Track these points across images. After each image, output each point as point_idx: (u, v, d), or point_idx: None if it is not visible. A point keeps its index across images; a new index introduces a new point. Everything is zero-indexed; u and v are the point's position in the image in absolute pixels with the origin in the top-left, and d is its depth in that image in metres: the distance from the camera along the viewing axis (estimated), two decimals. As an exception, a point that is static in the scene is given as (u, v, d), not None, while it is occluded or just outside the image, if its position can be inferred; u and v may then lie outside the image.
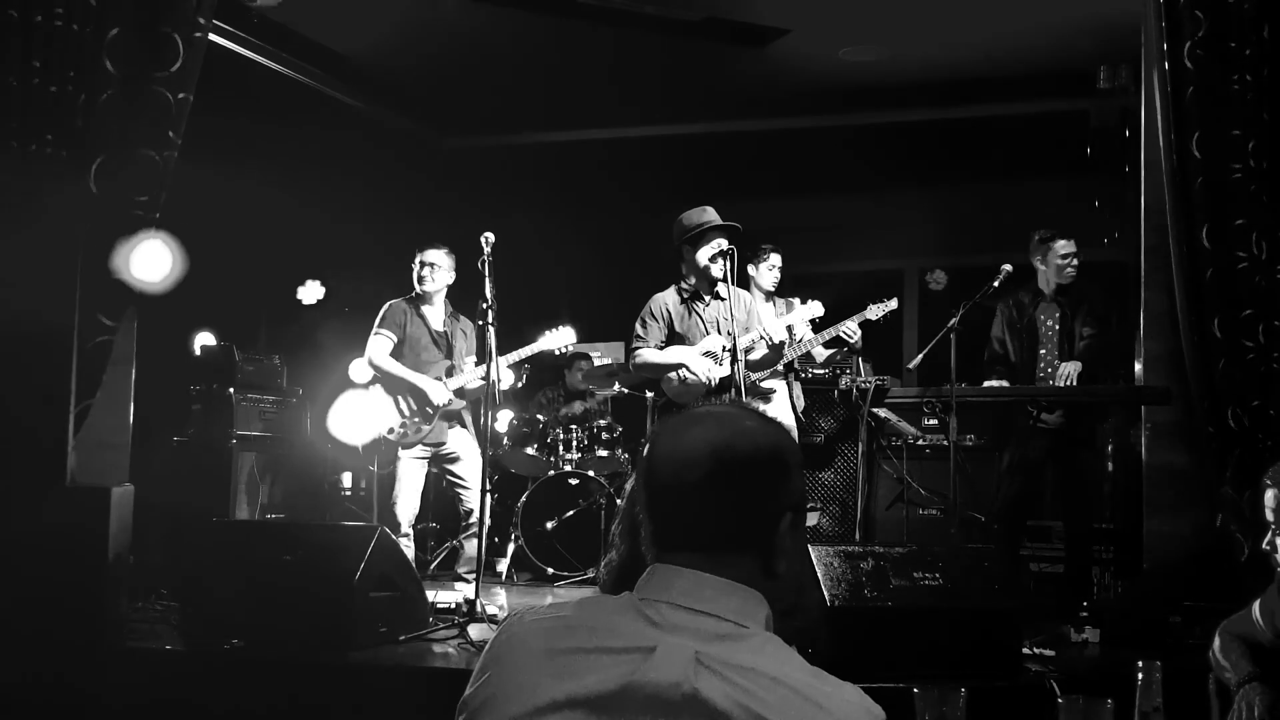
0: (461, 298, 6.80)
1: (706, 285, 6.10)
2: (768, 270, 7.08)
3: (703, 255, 6.00)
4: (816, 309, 6.17)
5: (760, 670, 1.39)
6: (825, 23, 7.47)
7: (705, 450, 1.54)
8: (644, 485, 1.60)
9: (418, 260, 6.65)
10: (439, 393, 6.47)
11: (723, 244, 5.96)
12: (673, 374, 6.04)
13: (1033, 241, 6.55)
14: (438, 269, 6.62)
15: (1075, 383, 6.20)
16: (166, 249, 7.97)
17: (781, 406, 6.46)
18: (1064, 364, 6.29)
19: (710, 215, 6.08)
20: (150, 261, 8.17)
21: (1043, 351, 6.50)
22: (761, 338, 5.94)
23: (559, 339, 6.68)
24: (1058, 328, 6.47)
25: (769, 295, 7.07)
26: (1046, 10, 7.10)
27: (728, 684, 1.37)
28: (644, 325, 6.15)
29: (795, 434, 6.65)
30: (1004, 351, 6.58)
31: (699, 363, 5.94)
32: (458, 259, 6.65)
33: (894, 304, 6.53)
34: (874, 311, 6.48)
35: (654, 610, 1.47)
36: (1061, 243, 6.44)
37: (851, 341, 6.65)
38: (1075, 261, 6.45)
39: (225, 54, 7.11)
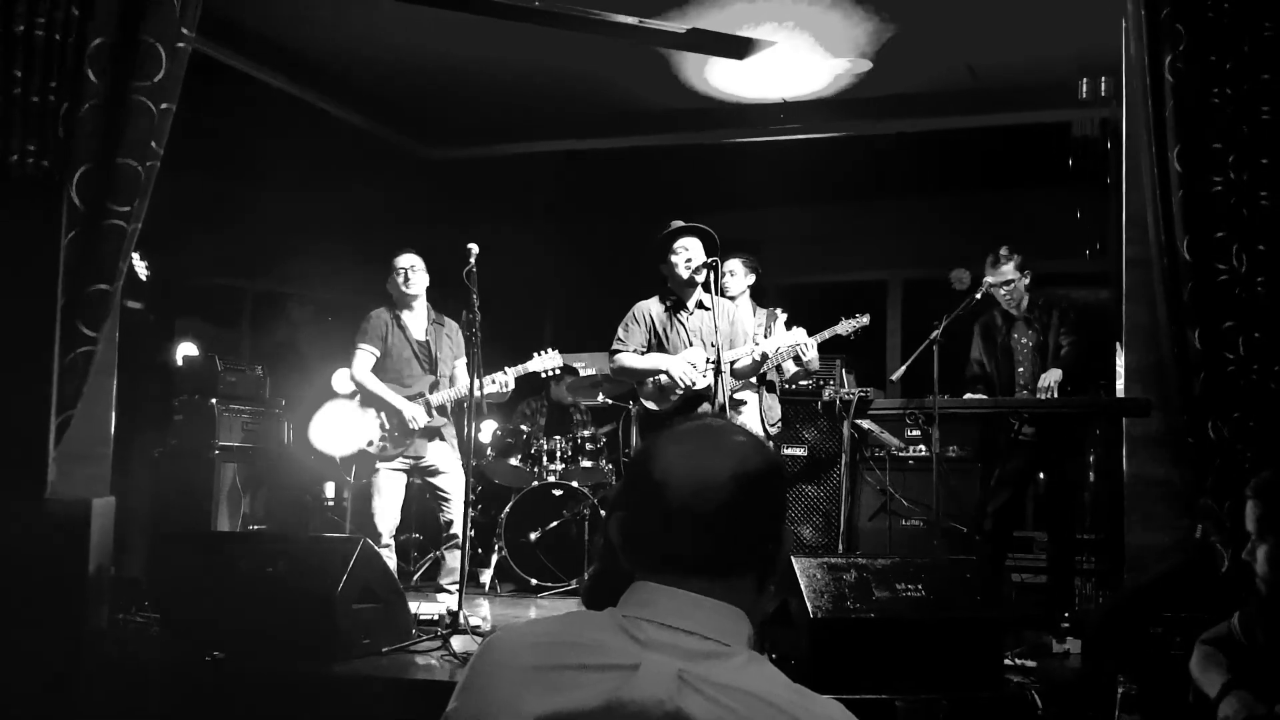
0: (442, 307, 6.78)
1: (687, 293, 6.07)
2: (729, 277, 7.04)
3: (676, 260, 5.98)
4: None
5: (743, 688, 1.39)
6: (809, 35, 7.49)
7: (727, 475, 1.51)
8: (646, 508, 1.55)
9: (395, 266, 6.61)
10: (419, 416, 6.44)
11: (701, 254, 5.95)
12: (649, 379, 6.02)
13: (989, 256, 6.52)
14: (415, 270, 6.60)
15: (1056, 392, 6.21)
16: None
17: (751, 417, 6.45)
18: (1044, 374, 6.30)
19: (676, 223, 6.09)
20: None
21: (1020, 370, 6.50)
22: (753, 355, 5.93)
23: (546, 362, 6.65)
24: (1031, 344, 6.47)
25: (733, 298, 7.02)
26: (1027, 21, 7.13)
27: (711, 702, 1.36)
28: (625, 328, 6.12)
29: None
30: (983, 372, 6.60)
31: (678, 367, 5.90)
32: (441, 269, 6.63)
33: (865, 320, 6.48)
34: (845, 327, 6.44)
35: (638, 628, 1.46)
36: (1004, 268, 6.40)
37: (805, 360, 6.61)
38: (1009, 290, 6.40)
39: (209, 64, 7.10)
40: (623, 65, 8.04)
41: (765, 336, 6.55)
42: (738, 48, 7.61)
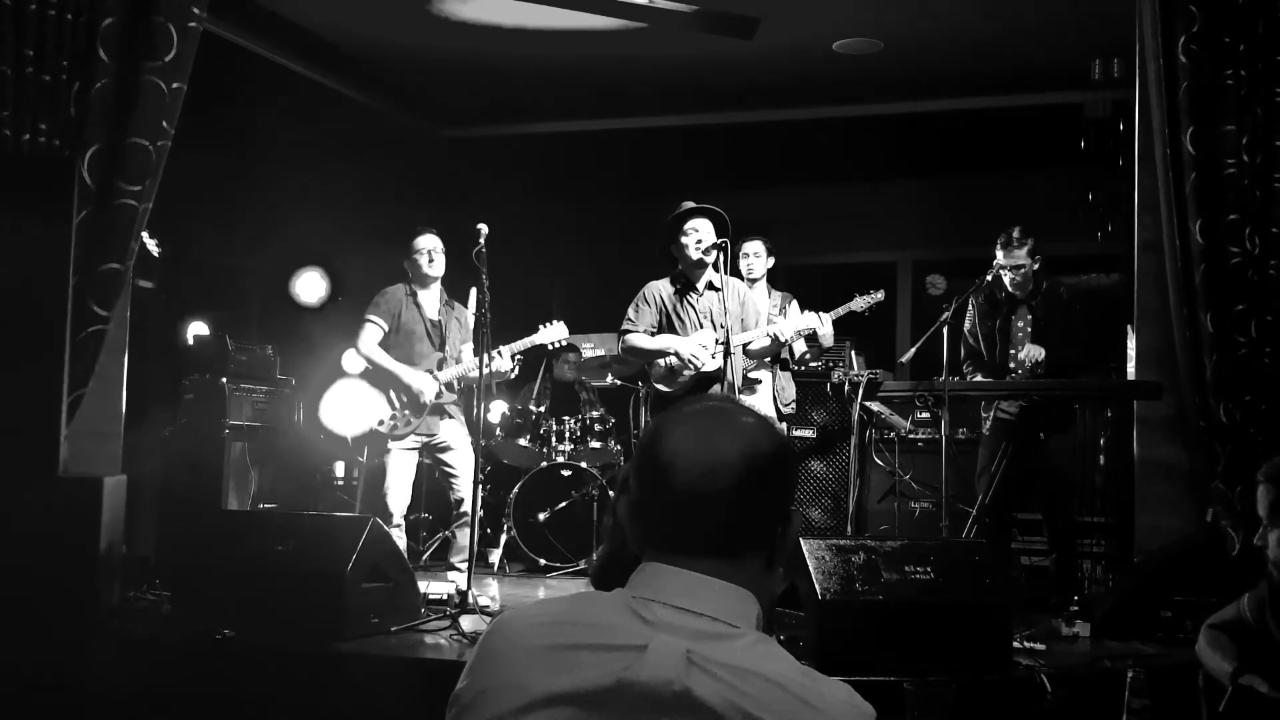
0: (451, 286, 6.77)
1: (697, 274, 6.05)
2: (753, 259, 7.04)
3: (686, 241, 5.94)
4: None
5: (751, 669, 1.39)
6: (819, 14, 7.47)
7: (735, 456, 1.51)
8: (654, 489, 1.55)
9: (418, 246, 6.54)
10: (428, 388, 6.43)
11: (712, 235, 5.91)
12: (660, 360, 6.00)
13: (1001, 236, 6.40)
14: (438, 252, 6.54)
15: (1040, 363, 6.15)
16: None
17: (764, 397, 6.43)
18: (1029, 346, 6.23)
19: (686, 204, 6.05)
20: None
21: (1013, 352, 6.43)
22: (768, 335, 5.91)
23: (553, 334, 6.63)
24: (1029, 329, 6.41)
25: (754, 282, 7.02)
26: (1040, 2, 7.10)
27: (719, 683, 1.37)
28: (635, 309, 6.09)
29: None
30: (978, 346, 6.54)
31: (688, 347, 5.88)
32: (449, 249, 6.60)
33: (880, 296, 6.45)
34: (859, 303, 6.42)
35: (647, 609, 1.46)
36: (1017, 253, 6.26)
37: (821, 334, 6.59)
38: (1015, 276, 6.30)
39: (221, 44, 7.09)
40: (632, 42, 8.01)
41: (781, 316, 6.54)
42: (745, 28, 7.58)
